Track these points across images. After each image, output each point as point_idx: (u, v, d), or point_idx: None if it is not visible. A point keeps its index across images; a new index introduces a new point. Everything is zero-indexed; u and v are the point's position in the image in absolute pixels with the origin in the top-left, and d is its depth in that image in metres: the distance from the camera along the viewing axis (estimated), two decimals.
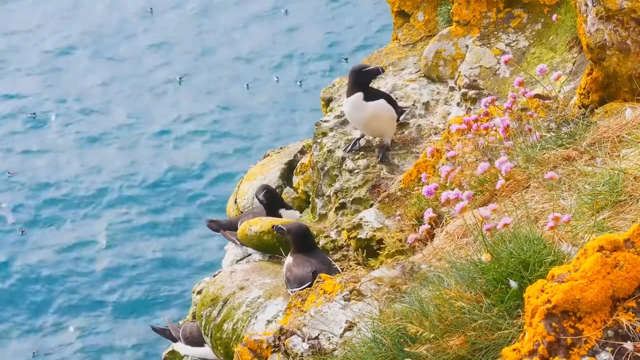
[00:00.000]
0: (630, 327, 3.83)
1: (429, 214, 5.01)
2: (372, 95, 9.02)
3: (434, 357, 4.36)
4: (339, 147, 9.33)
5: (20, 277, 17.74)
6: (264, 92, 20.92)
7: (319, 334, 5.11)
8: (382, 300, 4.97)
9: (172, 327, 9.88)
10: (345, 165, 9.18)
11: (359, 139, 9.24)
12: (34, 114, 20.41)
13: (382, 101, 9.01)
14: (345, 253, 8.30)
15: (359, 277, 5.50)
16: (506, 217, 4.66)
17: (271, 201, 9.34)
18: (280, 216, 9.29)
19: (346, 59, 21.50)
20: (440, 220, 6.04)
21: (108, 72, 21.32)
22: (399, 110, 9.30)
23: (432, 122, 9.51)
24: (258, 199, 9.44)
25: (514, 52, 9.11)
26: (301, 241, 7.94)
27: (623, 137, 5.77)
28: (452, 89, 9.61)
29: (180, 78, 20.75)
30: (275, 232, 8.28)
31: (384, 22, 21.21)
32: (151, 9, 22.76)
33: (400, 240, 7.53)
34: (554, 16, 8.69)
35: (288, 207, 9.55)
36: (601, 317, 3.86)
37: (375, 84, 9.95)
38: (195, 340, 9.54)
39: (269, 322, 7.81)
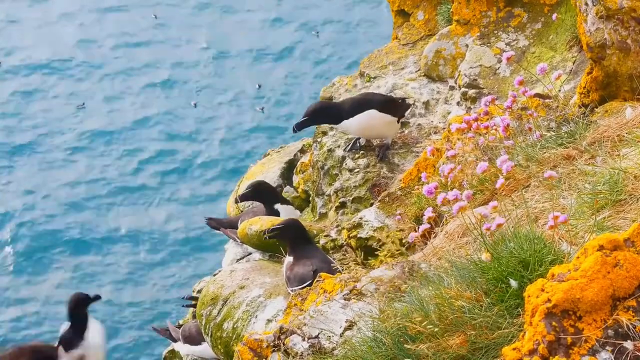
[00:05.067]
0: (630, 326, 3.84)
1: (428, 213, 5.01)
2: (358, 108, 8.88)
3: (434, 356, 4.36)
4: (339, 146, 9.33)
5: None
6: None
7: (319, 333, 5.11)
8: (382, 300, 4.97)
9: (172, 327, 9.90)
10: (346, 164, 9.18)
11: (359, 138, 9.24)
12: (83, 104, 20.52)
13: (371, 112, 8.90)
14: (345, 252, 8.30)
15: (359, 276, 5.50)
16: (500, 217, 4.66)
17: (260, 198, 9.32)
18: (276, 211, 9.26)
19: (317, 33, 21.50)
20: (440, 220, 6.04)
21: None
22: (403, 108, 9.20)
23: (432, 121, 9.51)
24: (236, 199, 9.45)
25: (514, 52, 9.11)
26: (297, 237, 7.88)
27: (623, 136, 5.77)
28: (452, 88, 9.61)
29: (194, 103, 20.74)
30: (267, 237, 8.13)
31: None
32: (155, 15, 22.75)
33: (400, 240, 7.53)
34: (554, 15, 8.69)
35: (285, 202, 9.50)
36: (601, 317, 3.86)
37: (375, 84, 9.95)
38: (192, 339, 9.56)
39: (269, 321, 7.81)
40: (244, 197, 9.34)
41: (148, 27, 22.51)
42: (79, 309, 8.55)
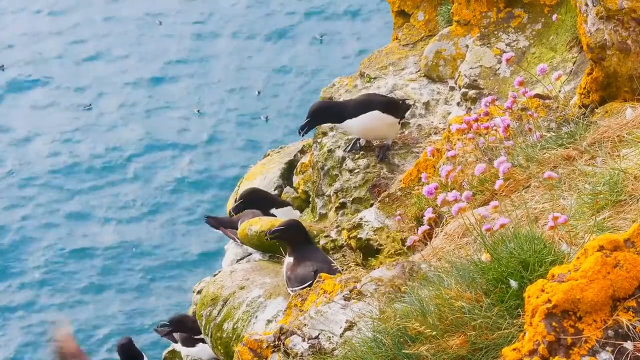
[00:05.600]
0: (631, 327, 3.84)
1: (428, 214, 5.01)
2: (361, 109, 8.89)
3: (434, 357, 4.36)
4: (339, 147, 9.33)
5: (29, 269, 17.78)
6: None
7: (319, 334, 5.11)
8: (382, 300, 4.97)
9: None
10: (346, 164, 9.18)
11: (359, 139, 9.24)
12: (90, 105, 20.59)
13: (374, 113, 8.91)
14: (345, 253, 8.30)
15: (359, 277, 5.50)
16: (503, 217, 4.66)
17: (253, 205, 9.25)
18: (273, 216, 9.23)
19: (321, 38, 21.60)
20: (440, 220, 6.04)
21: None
22: (404, 109, 9.20)
23: (432, 122, 9.51)
24: (230, 212, 9.41)
25: (514, 52, 9.11)
26: (298, 238, 7.87)
27: (623, 136, 5.77)
28: (452, 88, 9.61)
29: (197, 111, 20.68)
30: (269, 239, 8.12)
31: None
32: (160, 22, 22.71)
33: (399, 241, 7.52)
34: (554, 16, 8.69)
35: (280, 205, 9.47)
36: (601, 317, 3.86)
37: (376, 85, 9.95)
38: (188, 341, 9.60)
39: (269, 321, 7.81)
40: (237, 209, 9.28)
41: (152, 33, 22.50)
42: (131, 351, 9.46)
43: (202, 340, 9.33)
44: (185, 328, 9.57)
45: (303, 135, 9.03)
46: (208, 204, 18.78)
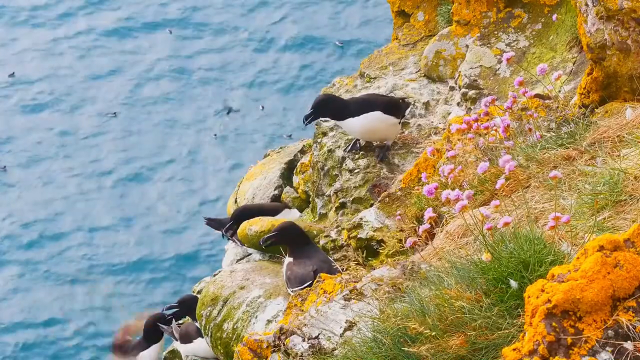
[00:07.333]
0: (631, 327, 3.84)
1: (429, 213, 5.01)
2: (362, 108, 8.88)
3: (434, 357, 4.37)
4: (339, 147, 9.33)
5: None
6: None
7: (319, 334, 5.11)
8: (383, 300, 4.97)
9: (175, 326, 9.95)
10: (346, 164, 9.18)
11: (359, 139, 9.24)
12: (115, 113, 20.56)
13: (376, 113, 8.90)
14: (345, 253, 8.30)
15: (359, 276, 5.50)
16: (507, 216, 4.66)
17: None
18: None
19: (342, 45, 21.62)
20: (440, 220, 6.04)
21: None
22: (404, 108, 9.19)
23: (432, 122, 9.51)
24: (223, 234, 9.41)
25: (514, 52, 9.11)
26: (295, 239, 7.88)
27: (623, 136, 5.77)
28: (452, 88, 9.61)
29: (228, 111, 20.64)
30: (264, 246, 8.13)
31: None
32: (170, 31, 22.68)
33: (400, 240, 7.53)
34: (554, 16, 8.69)
35: (276, 212, 9.46)
36: (601, 317, 3.87)
37: (376, 84, 9.95)
38: (186, 337, 9.62)
39: (269, 321, 7.82)
40: (229, 230, 9.23)
41: (163, 43, 22.46)
42: (152, 327, 9.87)
43: (201, 334, 9.35)
44: (192, 310, 9.52)
45: (307, 125, 9.00)
46: (208, 205, 18.80)
